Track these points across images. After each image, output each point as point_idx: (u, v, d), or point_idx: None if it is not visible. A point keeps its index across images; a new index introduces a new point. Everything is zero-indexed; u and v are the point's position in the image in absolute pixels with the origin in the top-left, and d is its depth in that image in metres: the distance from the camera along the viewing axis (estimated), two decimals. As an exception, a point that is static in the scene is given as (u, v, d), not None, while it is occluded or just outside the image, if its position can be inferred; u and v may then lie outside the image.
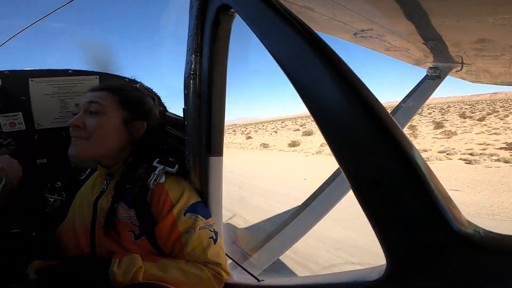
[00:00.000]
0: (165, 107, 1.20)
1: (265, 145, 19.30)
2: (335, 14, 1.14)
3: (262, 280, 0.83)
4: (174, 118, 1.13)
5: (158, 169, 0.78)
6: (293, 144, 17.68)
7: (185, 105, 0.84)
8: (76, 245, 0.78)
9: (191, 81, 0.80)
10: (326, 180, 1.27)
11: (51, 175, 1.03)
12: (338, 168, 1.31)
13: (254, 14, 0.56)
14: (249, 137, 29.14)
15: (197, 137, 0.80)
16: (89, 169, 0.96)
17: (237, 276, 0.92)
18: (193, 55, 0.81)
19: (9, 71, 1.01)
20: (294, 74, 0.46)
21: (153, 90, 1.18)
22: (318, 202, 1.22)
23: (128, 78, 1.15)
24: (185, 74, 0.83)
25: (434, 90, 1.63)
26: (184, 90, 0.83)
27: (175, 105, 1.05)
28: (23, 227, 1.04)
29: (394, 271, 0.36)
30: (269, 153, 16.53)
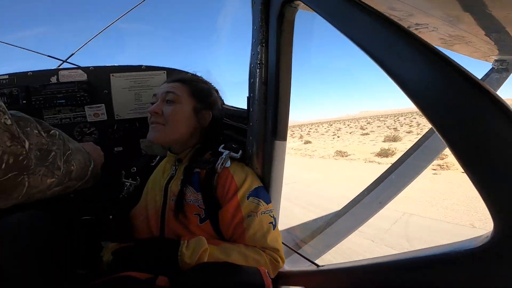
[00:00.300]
0: (222, 100, 1.28)
1: (342, 153, 14.50)
2: (392, 7, 1.12)
3: (322, 266, 0.83)
4: (231, 110, 1.19)
5: (224, 154, 0.84)
6: (384, 153, 12.47)
7: (250, 93, 0.89)
8: (147, 228, 0.82)
9: (258, 70, 0.85)
10: (381, 174, 1.23)
11: (126, 162, 1.12)
12: (396, 161, 1.26)
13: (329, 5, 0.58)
14: (308, 142, 23.58)
15: (262, 122, 0.84)
16: (158, 157, 1.04)
17: (288, 266, 0.93)
18: (259, 46, 0.86)
19: (94, 67, 1.16)
20: (387, 63, 0.46)
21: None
22: (373, 197, 1.19)
23: (191, 73, 1.25)
24: (251, 64, 0.89)
25: (501, 84, 1.50)
26: (250, 79, 0.89)
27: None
28: (101, 211, 1.16)
29: (503, 235, 0.35)
30: (354, 164, 11.44)
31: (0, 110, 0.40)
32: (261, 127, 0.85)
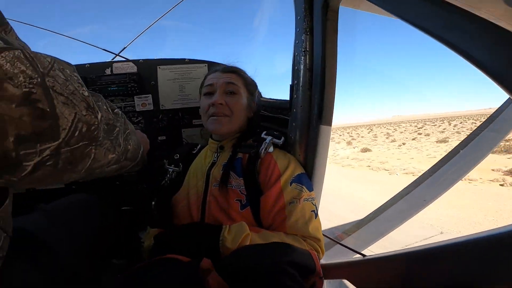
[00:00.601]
0: (260, 93, 1.30)
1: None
2: None
3: (366, 256, 0.80)
4: (269, 102, 1.21)
5: (268, 139, 0.84)
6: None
7: (293, 80, 0.90)
8: (188, 214, 0.82)
9: (302, 58, 0.86)
10: (427, 170, 1.17)
11: (168, 151, 1.16)
12: (442, 159, 1.19)
13: None
14: (367, 150, 16.76)
15: (307, 108, 0.84)
16: (199, 145, 1.07)
17: (324, 259, 0.91)
18: (304, 34, 0.87)
19: (143, 60, 1.24)
20: (451, 39, 0.44)
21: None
22: (417, 194, 1.13)
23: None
24: (295, 52, 0.90)
25: None
26: (294, 67, 0.90)
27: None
28: (143, 198, 1.18)
29: None
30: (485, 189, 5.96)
31: (79, 82, 0.43)
32: (306, 113, 0.86)
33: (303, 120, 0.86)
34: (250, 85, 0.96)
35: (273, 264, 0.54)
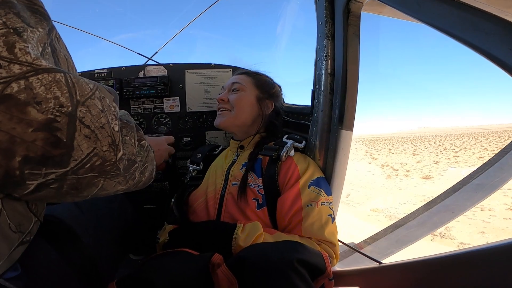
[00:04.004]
0: (283, 99, 1.33)
1: None
2: None
3: (381, 264, 0.78)
4: (291, 107, 1.22)
5: (289, 143, 0.86)
6: None
7: (315, 85, 0.91)
8: (205, 211, 0.84)
9: (324, 62, 0.87)
10: (457, 183, 1.11)
11: (192, 152, 1.22)
12: (475, 171, 1.13)
13: None
14: (427, 177, 11.34)
15: (328, 113, 0.85)
16: (221, 146, 1.11)
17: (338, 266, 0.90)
18: (325, 39, 0.88)
19: (173, 64, 1.32)
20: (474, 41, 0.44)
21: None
22: (445, 206, 1.07)
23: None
24: (316, 57, 0.91)
25: None
26: (315, 72, 0.91)
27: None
28: (164, 196, 1.23)
29: None
30: None
31: (113, 114, 0.41)
32: (327, 118, 0.86)
33: (323, 125, 0.87)
34: (264, 85, 1.00)
35: (282, 260, 0.53)
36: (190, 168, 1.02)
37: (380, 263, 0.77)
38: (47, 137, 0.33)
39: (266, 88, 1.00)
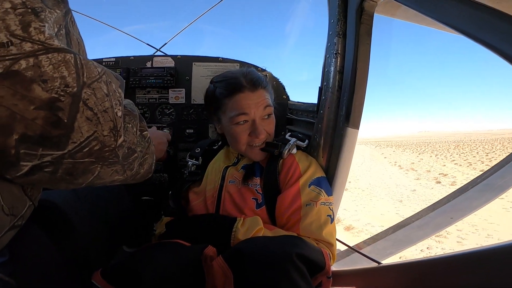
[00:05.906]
0: (288, 96, 1.32)
1: None
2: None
3: (381, 263, 0.78)
4: (296, 105, 1.22)
5: (292, 141, 0.85)
6: None
7: (322, 82, 0.91)
8: (204, 209, 0.83)
9: (333, 60, 0.87)
10: (457, 189, 1.10)
11: (193, 144, 1.19)
12: (476, 178, 1.12)
13: None
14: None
15: (334, 110, 0.85)
16: (220, 141, 1.08)
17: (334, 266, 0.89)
18: (336, 37, 0.88)
19: (181, 55, 1.32)
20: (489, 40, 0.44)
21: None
22: (444, 211, 1.07)
23: (261, 68, 1.33)
24: (326, 54, 0.91)
25: None
26: (324, 69, 0.91)
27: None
28: (162, 189, 1.20)
29: None
30: None
31: (118, 100, 0.41)
32: (333, 115, 0.86)
33: (329, 122, 0.87)
34: (273, 95, 0.92)
35: (281, 253, 0.52)
36: (189, 163, 0.99)
37: (379, 263, 0.77)
38: (48, 116, 0.32)
39: (275, 89, 0.98)
